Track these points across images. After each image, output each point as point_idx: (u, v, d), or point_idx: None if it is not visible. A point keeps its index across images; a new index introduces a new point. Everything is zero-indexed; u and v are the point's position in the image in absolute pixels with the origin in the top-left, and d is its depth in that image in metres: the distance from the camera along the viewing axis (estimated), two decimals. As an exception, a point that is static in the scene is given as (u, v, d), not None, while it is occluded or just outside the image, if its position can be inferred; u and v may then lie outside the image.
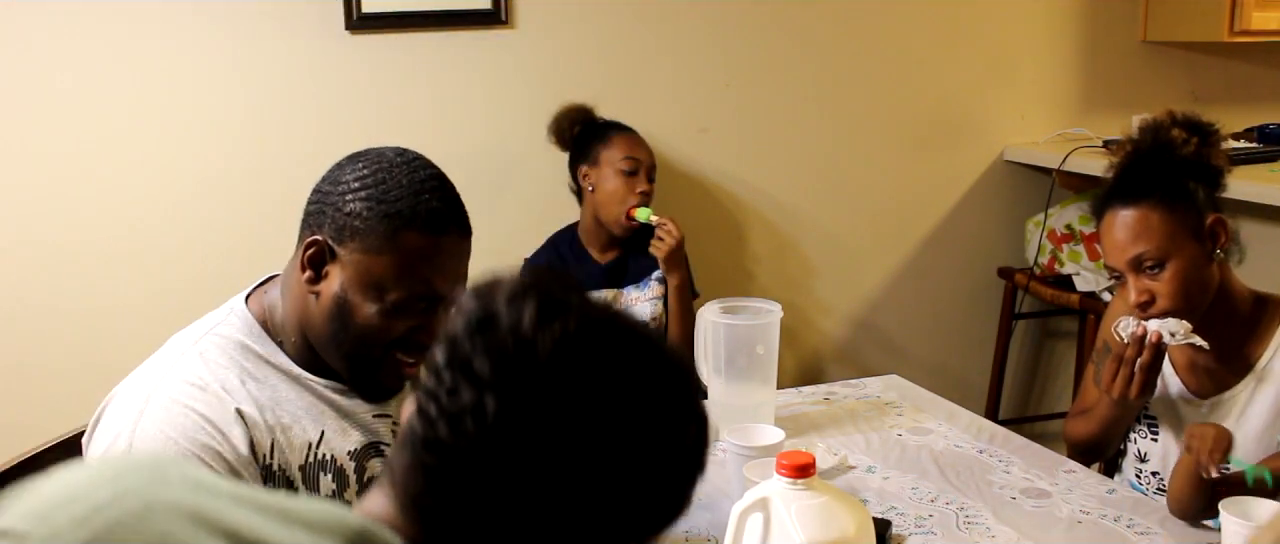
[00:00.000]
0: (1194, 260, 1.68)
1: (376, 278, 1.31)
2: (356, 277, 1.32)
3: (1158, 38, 3.44)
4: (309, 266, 1.34)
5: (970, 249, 3.41)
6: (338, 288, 1.32)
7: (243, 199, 2.72)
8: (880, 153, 3.28)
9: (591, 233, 2.75)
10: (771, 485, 1.24)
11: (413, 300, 1.32)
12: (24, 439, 1.56)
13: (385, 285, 1.31)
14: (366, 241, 1.31)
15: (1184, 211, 1.68)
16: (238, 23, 2.65)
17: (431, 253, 1.33)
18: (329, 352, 1.36)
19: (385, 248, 1.31)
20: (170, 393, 1.29)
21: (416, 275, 1.32)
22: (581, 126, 2.78)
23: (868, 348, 3.38)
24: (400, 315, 1.32)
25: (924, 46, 3.26)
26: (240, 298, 1.42)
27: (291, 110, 2.72)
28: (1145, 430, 1.85)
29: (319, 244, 1.33)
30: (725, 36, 3.05)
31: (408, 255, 1.31)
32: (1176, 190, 1.69)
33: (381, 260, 1.31)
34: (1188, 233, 1.68)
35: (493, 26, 2.84)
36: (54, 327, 2.64)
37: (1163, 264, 1.68)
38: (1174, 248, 1.67)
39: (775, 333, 1.97)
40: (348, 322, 1.32)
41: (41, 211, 2.60)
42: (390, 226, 1.31)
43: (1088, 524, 1.62)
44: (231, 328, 1.37)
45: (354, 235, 1.32)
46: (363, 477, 1.39)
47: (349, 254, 1.32)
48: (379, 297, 1.32)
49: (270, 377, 1.35)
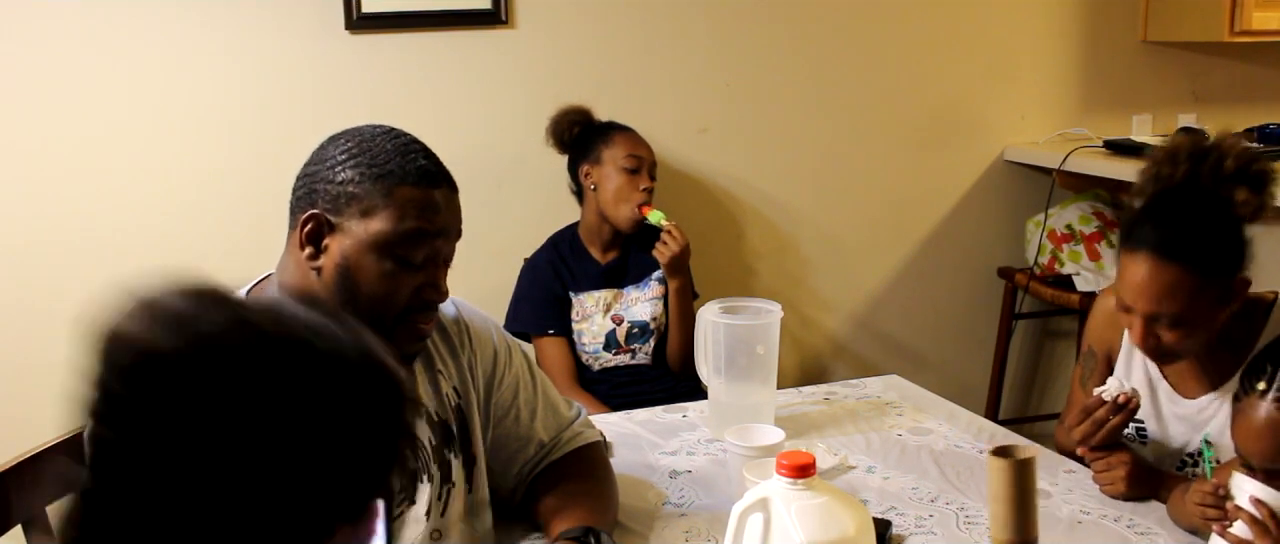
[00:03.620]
0: (1211, 320, 1.63)
1: (377, 237, 1.34)
2: (357, 241, 1.35)
3: (1158, 38, 3.44)
4: (308, 242, 1.36)
5: (970, 249, 3.41)
6: (340, 257, 1.35)
7: (243, 198, 2.72)
8: (880, 153, 3.28)
9: (592, 232, 2.75)
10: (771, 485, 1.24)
11: (414, 252, 1.36)
12: (24, 439, 1.56)
13: (386, 242, 1.35)
14: (363, 204, 1.35)
15: (1213, 281, 1.61)
16: (238, 22, 2.66)
17: (427, 204, 1.37)
18: None
19: (382, 206, 1.35)
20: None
21: (416, 227, 1.35)
22: (580, 127, 2.78)
23: (868, 348, 3.38)
24: (405, 271, 1.36)
25: (924, 46, 3.26)
26: (242, 292, 1.42)
27: (291, 110, 2.72)
28: (1134, 434, 1.85)
29: (316, 217, 1.36)
30: (725, 36, 3.05)
31: (405, 209, 1.35)
32: (1207, 253, 1.60)
33: (380, 219, 1.35)
34: (1214, 298, 1.62)
35: (493, 26, 2.84)
36: (54, 326, 2.63)
37: (1178, 324, 1.62)
38: (1192, 316, 1.61)
39: (775, 333, 1.97)
40: (355, 290, 1.34)
41: (42, 211, 2.61)
42: (385, 186, 1.35)
43: (1088, 524, 1.62)
44: None
45: (350, 201, 1.35)
46: None
47: (347, 221, 1.35)
48: (382, 255, 1.34)
49: None
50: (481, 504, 1.54)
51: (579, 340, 2.69)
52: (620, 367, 2.70)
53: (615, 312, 2.70)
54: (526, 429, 1.62)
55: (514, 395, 1.61)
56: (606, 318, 2.69)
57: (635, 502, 1.70)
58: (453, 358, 1.54)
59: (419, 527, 1.44)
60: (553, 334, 2.68)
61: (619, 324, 2.70)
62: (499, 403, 1.60)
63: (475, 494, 1.53)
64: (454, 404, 1.52)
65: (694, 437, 1.99)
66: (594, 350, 2.69)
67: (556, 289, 2.70)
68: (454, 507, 1.49)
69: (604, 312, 2.70)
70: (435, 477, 1.47)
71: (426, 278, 1.38)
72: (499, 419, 1.60)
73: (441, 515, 1.47)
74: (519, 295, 2.75)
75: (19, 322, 2.61)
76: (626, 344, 2.70)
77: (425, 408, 1.48)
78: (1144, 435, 1.84)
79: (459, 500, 1.50)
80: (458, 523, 1.50)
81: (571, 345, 2.70)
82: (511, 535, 1.60)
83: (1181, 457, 1.79)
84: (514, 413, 1.61)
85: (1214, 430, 1.73)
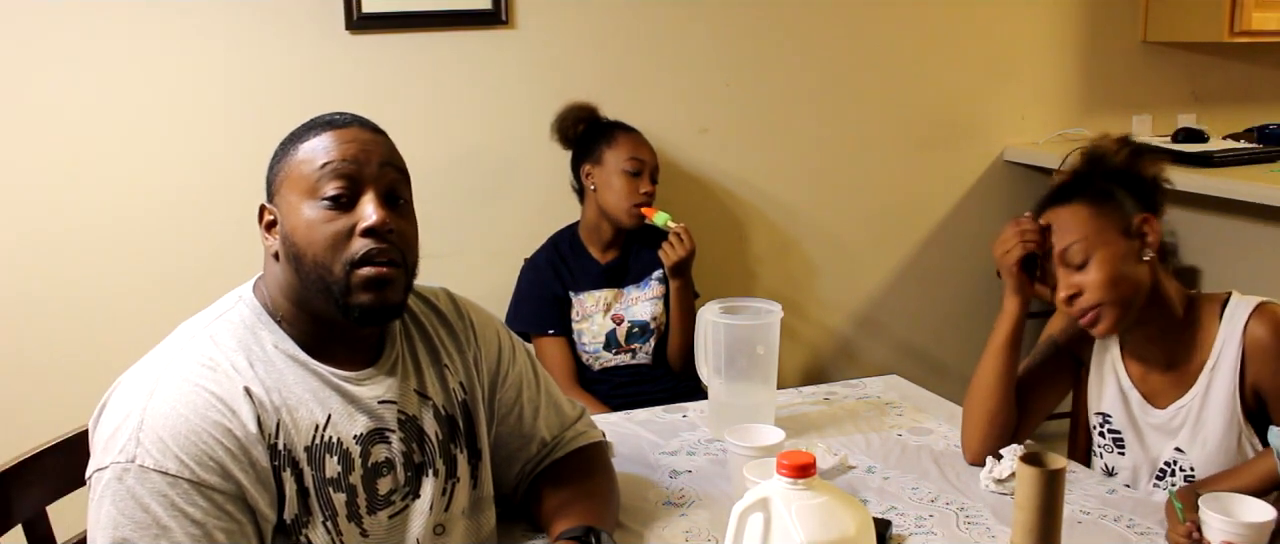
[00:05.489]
0: (1120, 255, 1.71)
1: (297, 191, 1.36)
2: (288, 206, 1.37)
3: (1158, 38, 3.44)
4: (267, 233, 1.41)
5: (970, 249, 3.41)
6: (283, 231, 1.37)
7: (243, 198, 2.70)
8: (880, 153, 3.28)
9: (592, 232, 2.75)
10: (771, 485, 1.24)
11: (330, 186, 1.34)
12: (24, 439, 1.56)
13: (306, 190, 1.35)
14: (282, 173, 1.38)
15: (1110, 209, 1.72)
16: (238, 23, 2.66)
17: (333, 143, 1.37)
18: (308, 296, 1.37)
19: (294, 163, 1.37)
20: (181, 372, 1.31)
21: (324, 161, 1.35)
22: (585, 125, 2.78)
23: (868, 348, 3.38)
24: (333, 213, 1.34)
25: (924, 47, 3.26)
26: (247, 286, 1.45)
27: (292, 110, 2.68)
28: (1111, 446, 1.86)
29: (262, 207, 1.41)
30: (725, 36, 3.05)
31: (313, 154, 1.36)
32: (1101, 192, 1.74)
33: (294, 173, 1.37)
34: (1114, 229, 1.72)
35: (493, 26, 2.84)
36: (54, 325, 2.64)
37: (1088, 258, 1.71)
38: (1099, 242, 1.71)
39: (775, 333, 1.97)
40: (299, 254, 1.35)
41: (42, 211, 2.60)
42: (293, 146, 1.39)
43: (1088, 524, 1.62)
44: (240, 314, 1.40)
45: (276, 176, 1.40)
46: (367, 461, 1.40)
47: (278, 196, 1.39)
48: (307, 206, 1.35)
49: (278, 361, 1.37)
50: (485, 500, 1.55)
51: (579, 340, 2.69)
52: (620, 366, 2.70)
53: (615, 311, 2.71)
54: (529, 427, 1.62)
55: (517, 393, 1.61)
56: (607, 317, 2.69)
57: (635, 502, 1.70)
58: (459, 353, 1.54)
59: (422, 520, 1.44)
60: (553, 334, 2.68)
61: (619, 324, 2.70)
62: (502, 400, 1.60)
63: (479, 490, 1.54)
64: (460, 399, 1.52)
65: (694, 437, 2.00)
66: (594, 350, 2.69)
67: (556, 289, 2.70)
68: (458, 502, 1.50)
69: (604, 311, 2.70)
70: (441, 471, 1.47)
71: (356, 217, 1.35)
72: (502, 417, 1.60)
73: (445, 510, 1.48)
74: (519, 295, 2.75)
75: (19, 321, 2.61)
76: (627, 344, 2.70)
77: (432, 402, 1.48)
78: (1121, 446, 1.84)
79: (463, 496, 1.51)
80: (461, 518, 1.50)
81: (571, 345, 2.70)
82: (512, 535, 1.60)
83: (1159, 466, 1.80)
84: (517, 411, 1.61)
85: (1184, 437, 1.75)
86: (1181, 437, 1.76)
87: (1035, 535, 1.35)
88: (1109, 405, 1.85)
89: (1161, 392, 1.79)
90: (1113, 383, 1.84)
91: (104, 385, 1.36)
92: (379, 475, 1.41)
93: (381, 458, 1.41)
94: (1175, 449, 1.77)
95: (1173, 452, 1.77)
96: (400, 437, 1.43)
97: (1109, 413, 1.85)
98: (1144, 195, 1.76)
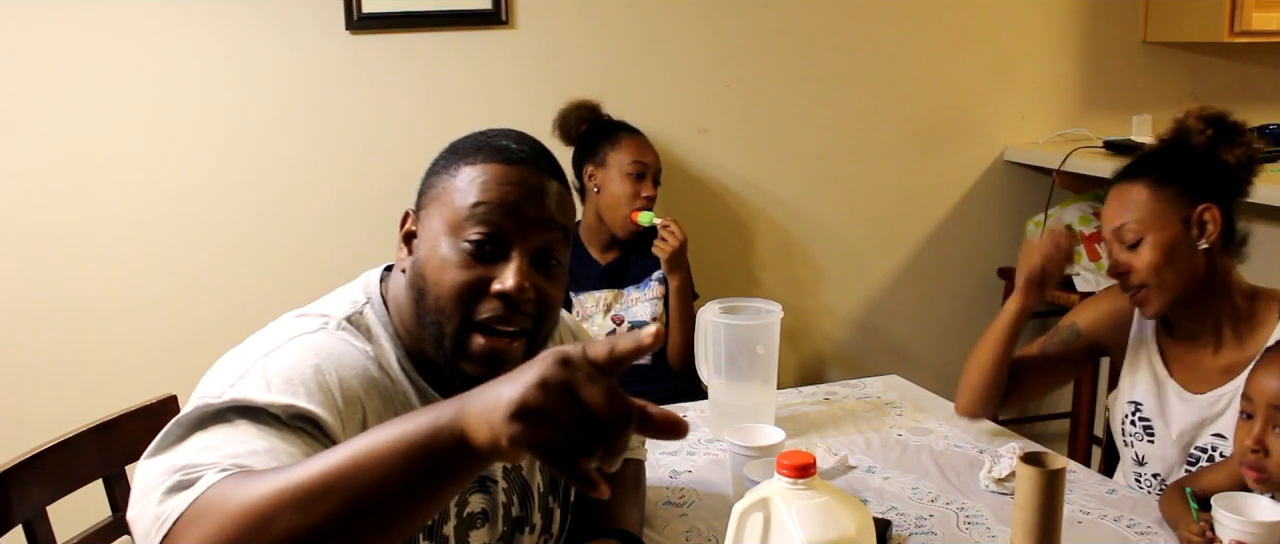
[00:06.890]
0: (1173, 241, 1.71)
1: (441, 219, 1.19)
2: (428, 230, 1.20)
3: (1158, 38, 3.44)
4: (404, 243, 1.25)
5: (970, 249, 3.41)
6: (418, 252, 1.21)
7: (243, 198, 2.72)
8: (880, 153, 3.28)
9: (593, 233, 2.75)
10: (772, 485, 1.23)
11: (474, 230, 1.16)
12: (24, 439, 1.56)
13: (448, 223, 1.18)
14: (435, 189, 1.22)
15: (1172, 195, 1.72)
16: (238, 23, 2.66)
17: (495, 181, 1.18)
18: (420, 334, 1.22)
19: (448, 182, 1.20)
20: (300, 344, 1.17)
21: (476, 200, 1.17)
22: (589, 125, 2.77)
23: (868, 348, 3.38)
24: (470, 261, 1.16)
25: (924, 47, 3.26)
26: (373, 284, 1.29)
27: (292, 110, 2.72)
28: (1141, 434, 1.85)
29: (406, 214, 1.26)
30: (725, 36, 3.05)
31: (468, 182, 1.18)
32: (1170, 173, 1.73)
33: (444, 198, 1.19)
34: (1173, 215, 1.72)
35: (493, 26, 2.84)
36: (54, 326, 2.63)
37: (1142, 239, 1.72)
38: (1154, 226, 1.71)
39: (775, 333, 1.97)
40: (423, 287, 1.18)
41: (42, 212, 2.60)
42: (455, 164, 1.21)
43: (1088, 524, 1.62)
44: (367, 319, 1.25)
45: (428, 188, 1.23)
46: (464, 511, 1.28)
47: (424, 211, 1.22)
48: (446, 240, 1.17)
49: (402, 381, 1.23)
50: None
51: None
52: (620, 367, 2.70)
53: (615, 312, 2.70)
54: None
55: None
56: (607, 318, 2.69)
57: (635, 502, 1.70)
58: None
59: None
60: (553, 334, 2.67)
61: (619, 324, 2.70)
62: None
63: (560, 540, 1.44)
64: None
65: (694, 437, 1.99)
66: (594, 350, 2.68)
67: (556, 289, 2.69)
68: None
69: (604, 312, 2.70)
70: (537, 526, 1.38)
71: (493, 272, 1.16)
72: None
73: None
74: (519, 295, 2.74)
75: (19, 322, 2.61)
76: (626, 344, 2.69)
77: None
78: (1151, 435, 1.84)
79: None
80: None
81: (571, 345, 2.69)
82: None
83: (1191, 451, 1.79)
84: None
85: (1226, 423, 1.74)
86: (1223, 423, 1.75)
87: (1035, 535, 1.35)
88: (1141, 393, 1.85)
89: (1204, 377, 1.78)
90: (1146, 371, 1.84)
91: (104, 385, 1.36)
92: (472, 527, 1.29)
93: (478, 508, 1.30)
94: (1214, 435, 1.76)
95: (1210, 438, 1.76)
96: (504, 487, 1.32)
97: (1141, 401, 1.85)
98: (1217, 182, 1.74)
